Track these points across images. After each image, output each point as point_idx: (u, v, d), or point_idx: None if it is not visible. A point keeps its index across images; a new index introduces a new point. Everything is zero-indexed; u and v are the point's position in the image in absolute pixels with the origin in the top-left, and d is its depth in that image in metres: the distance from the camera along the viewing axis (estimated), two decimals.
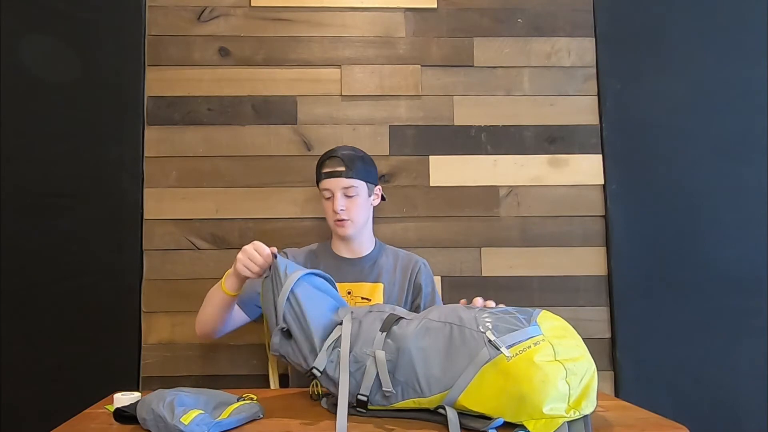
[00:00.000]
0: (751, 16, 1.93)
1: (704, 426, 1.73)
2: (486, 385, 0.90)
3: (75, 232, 1.77)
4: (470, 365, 0.91)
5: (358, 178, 1.49)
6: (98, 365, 1.72)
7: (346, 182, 1.48)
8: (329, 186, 1.49)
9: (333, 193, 1.49)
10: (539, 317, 0.97)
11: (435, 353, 0.96)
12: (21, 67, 1.80)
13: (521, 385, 0.87)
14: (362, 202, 1.51)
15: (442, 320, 1.00)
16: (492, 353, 0.90)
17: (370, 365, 0.99)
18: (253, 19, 1.88)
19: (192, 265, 1.80)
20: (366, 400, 0.98)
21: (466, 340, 0.94)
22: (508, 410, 0.88)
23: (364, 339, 1.03)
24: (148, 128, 1.83)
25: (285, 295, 1.08)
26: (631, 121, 1.89)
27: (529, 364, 0.87)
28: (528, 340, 0.91)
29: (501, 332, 0.92)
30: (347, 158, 1.49)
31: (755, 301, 1.83)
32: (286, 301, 1.08)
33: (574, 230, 1.86)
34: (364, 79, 1.88)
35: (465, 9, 1.91)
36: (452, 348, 0.95)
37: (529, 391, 0.86)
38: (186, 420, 0.86)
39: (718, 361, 1.81)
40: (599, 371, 1.79)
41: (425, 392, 0.95)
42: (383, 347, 1.00)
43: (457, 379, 0.92)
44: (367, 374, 0.98)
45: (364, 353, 1.00)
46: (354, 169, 1.48)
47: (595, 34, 1.92)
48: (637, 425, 0.96)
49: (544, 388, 0.86)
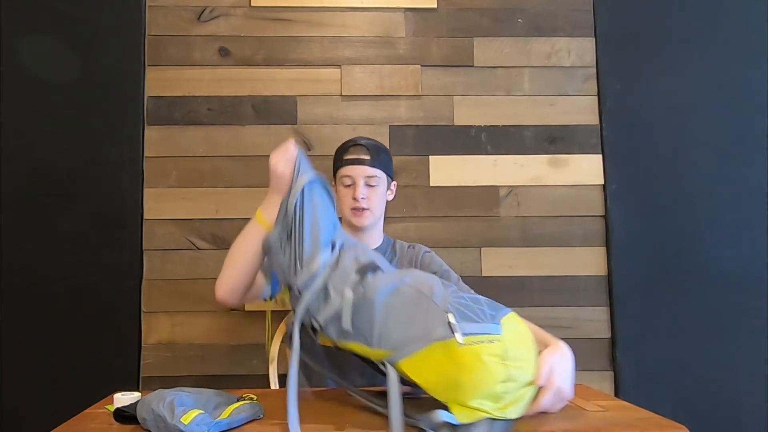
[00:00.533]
0: (751, 16, 1.93)
1: (704, 426, 1.73)
2: (430, 360, 0.92)
3: (75, 232, 1.77)
4: (423, 337, 0.93)
5: (380, 169, 1.47)
6: (98, 365, 1.72)
7: (370, 171, 1.45)
8: (351, 173, 1.46)
9: (354, 181, 1.46)
10: (505, 318, 0.96)
11: (396, 313, 0.98)
12: (21, 67, 1.80)
13: (461, 373, 0.89)
14: (381, 194, 1.49)
15: (414, 286, 1.02)
16: (446, 334, 0.91)
17: (335, 298, 1.01)
18: (253, 19, 1.88)
19: (192, 265, 1.80)
20: (318, 329, 1.01)
21: (429, 313, 0.96)
22: (439, 389, 0.91)
23: (341, 271, 1.04)
24: (148, 128, 1.83)
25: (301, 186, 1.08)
26: (631, 121, 1.89)
27: (476, 358, 0.89)
28: (484, 335, 0.91)
29: (462, 318, 0.94)
30: (372, 147, 1.47)
31: (755, 301, 1.83)
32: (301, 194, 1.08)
33: (574, 230, 1.86)
34: (364, 79, 1.88)
35: (465, 9, 1.91)
36: (413, 315, 0.97)
37: (466, 382, 0.88)
38: (186, 420, 0.86)
39: (718, 361, 1.81)
40: (599, 371, 1.81)
41: (373, 344, 0.97)
42: (353, 288, 1.02)
43: (406, 345, 0.94)
44: (330, 305, 1.00)
45: (335, 286, 1.02)
46: (378, 159, 1.46)
47: (595, 34, 1.92)
48: (637, 425, 0.96)
49: (480, 384, 0.88)
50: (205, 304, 1.79)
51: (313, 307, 1.02)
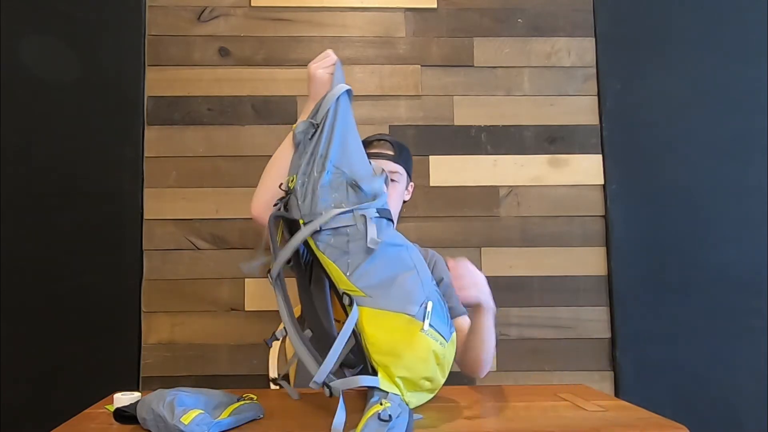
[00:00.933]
0: (751, 16, 1.93)
1: (704, 426, 1.73)
2: (390, 323, 0.97)
3: (75, 232, 1.77)
4: (399, 303, 0.98)
5: (402, 166, 1.47)
6: (98, 365, 1.72)
7: (393, 166, 1.45)
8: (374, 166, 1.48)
9: None
10: (454, 333, 1.05)
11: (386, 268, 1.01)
12: (21, 67, 1.80)
13: (408, 351, 0.95)
14: (400, 191, 1.48)
15: (413, 260, 1.05)
16: (419, 316, 0.97)
17: (348, 217, 1.03)
18: (253, 19, 1.88)
19: (192, 265, 1.80)
20: (317, 229, 1.01)
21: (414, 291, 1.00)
22: (379, 351, 0.96)
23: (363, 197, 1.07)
24: (148, 128, 1.83)
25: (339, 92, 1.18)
26: (631, 121, 1.89)
27: (426, 348, 0.97)
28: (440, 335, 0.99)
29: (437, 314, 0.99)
30: (396, 144, 1.48)
31: (755, 301, 1.83)
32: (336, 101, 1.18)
33: (574, 230, 1.86)
34: (364, 79, 1.88)
35: (465, 9, 1.91)
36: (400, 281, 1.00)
37: (406, 359, 0.95)
38: (186, 420, 0.86)
39: (718, 361, 1.81)
40: (599, 371, 1.81)
41: (353, 276, 0.99)
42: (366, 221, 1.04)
43: (381, 299, 0.98)
44: (340, 219, 1.02)
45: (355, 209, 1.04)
46: (401, 157, 1.47)
47: (595, 34, 1.92)
48: (637, 425, 0.96)
49: (412, 367, 0.96)
50: (205, 304, 1.79)
51: (322, 207, 1.03)
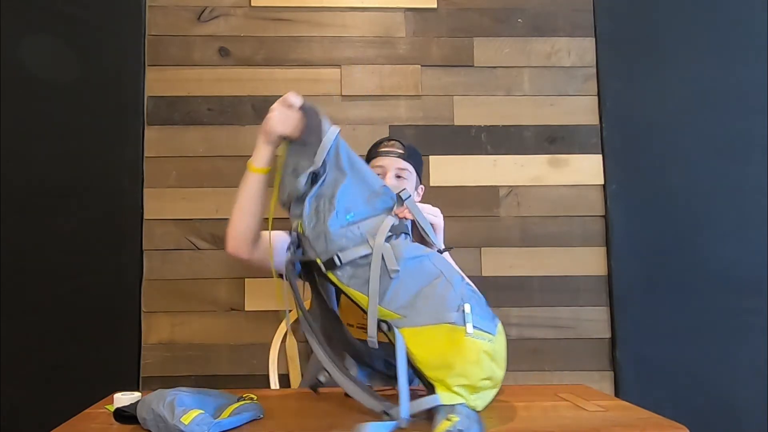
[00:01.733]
0: (751, 16, 1.93)
1: (704, 426, 1.73)
2: (434, 337, 0.96)
3: (75, 232, 1.77)
4: (436, 314, 0.97)
5: (412, 165, 1.50)
6: (98, 365, 1.72)
7: (402, 163, 1.47)
8: (383, 163, 1.48)
9: (385, 171, 1.47)
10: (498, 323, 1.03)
11: (414, 283, 1.00)
12: (21, 67, 1.80)
13: (458, 359, 0.94)
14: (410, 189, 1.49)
15: (437, 266, 1.04)
16: (458, 321, 0.96)
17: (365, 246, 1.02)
18: (253, 19, 1.88)
19: (192, 265, 1.80)
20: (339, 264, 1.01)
21: (446, 296, 0.99)
22: (432, 366, 0.95)
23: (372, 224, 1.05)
24: (148, 128, 1.83)
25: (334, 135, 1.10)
26: (631, 121, 1.89)
27: (476, 351, 0.95)
28: (486, 332, 0.98)
29: (476, 313, 0.98)
30: (407, 145, 1.51)
31: (755, 301, 1.83)
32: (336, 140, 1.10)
33: (574, 230, 1.86)
34: (364, 79, 1.88)
35: (465, 9, 1.91)
36: (431, 291, 0.99)
37: (459, 368, 0.94)
38: (186, 420, 0.86)
39: (718, 361, 1.81)
40: (599, 371, 1.81)
41: (384, 302, 0.99)
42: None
43: (417, 316, 0.97)
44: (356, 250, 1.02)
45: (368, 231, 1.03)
46: (411, 155, 1.50)
47: (595, 34, 1.92)
48: (637, 425, 0.96)
49: (468, 373, 0.94)
50: (205, 304, 1.79)
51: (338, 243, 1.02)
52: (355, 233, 1.04)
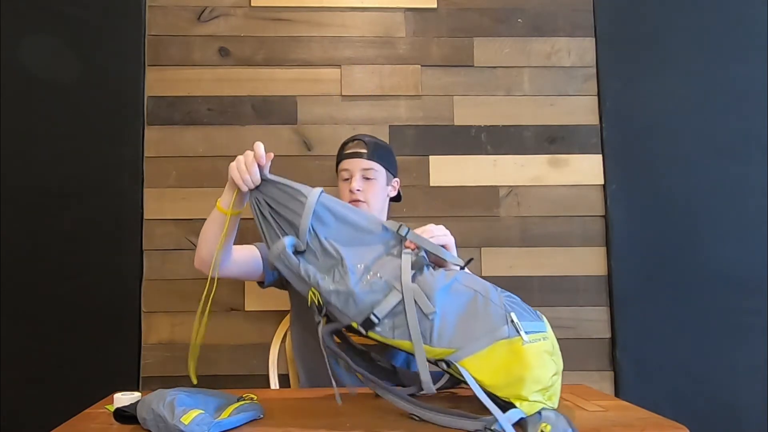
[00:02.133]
0: (751, 17, 1.93)
1: (704, 426, 1.73)
2: (494, 357, 0.94)
3: (75, 232, 1.77)
4: (487, 335, 0.95)
5: (378, 162, 1.49)
6: (98, 365, 1.72)
7: (366, 164, 1.48)
8: (349, 166, 1.49)
9: (352, 174, 1.48)
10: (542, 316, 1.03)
11: (454, 311, 0.99)
12: (21, 68, 1.80)
13: (526, 369, 0.93)
14: (379, 188, 1.50)
15: (468, 285, 1.03)
16: (511, 333, 0.95)
17: (394, 295, 0.99)
18: (253, 19, 1.88)
19: (192, 265, 1.78)
20: (376, 322, 0.99)
21: (489, 312, 0.98)
22: (502, 386, 0.94)
23: (391, 268, 1.03)
24: (148, 128, 1.83)
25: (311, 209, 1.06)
26: (631, 121, 1.89)
27: (540, 354, 0.95)
28: (539, 333, 0.97)
29: (521, 318, 0.97)
30: (370, 142, 1.51)
31: (755, 301, 1.83)
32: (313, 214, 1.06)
33: (574, 230, 1.86)
34: (364, 79, 1.88)
35: (465, 9, 1.91)
36: (473, 314, 0.98)
37: (530, 377, 0.93)
38: (186, 420, 0.86)
39: (718, 361, 1.81)
40: (599, 371, 1.81)
41: (434, 342, 0.97)
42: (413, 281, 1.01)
43: (470, 343, 0.95)
44: (388, 300, 0.99)
45: (389, 281, 1.01)
46: (375, 153, 1.49)
47: (595, 34, 1.92)
48: (637, 425, 0.96)
49: (540, 378, 0.94)
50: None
51: (368, 300, 1.00)
52: (379, 284, 1.01)
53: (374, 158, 1.49)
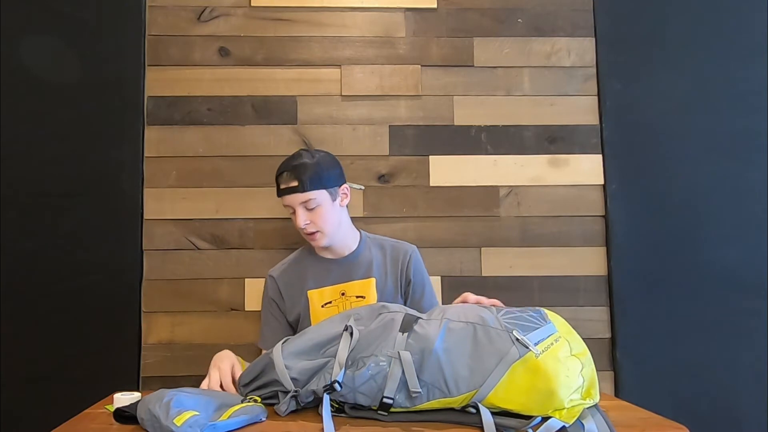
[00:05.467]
0: (751, 16, 1.93)
1: (704, 426, 1.73)
2: (516, 382, 0.93)
3: (75, 232, 1.77)
4: (500, 363, 0.93)
5: (314, 189, 1.42)
6: (98, 365, 1.72)
7: (302, 197, 1.42)
8: (288, 202, 1.45)
9: (294, 209, 1.45)
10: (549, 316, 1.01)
11: (461, 353, 0.97)
12: (21, 68, 1.80)
13: (550, 381, 0.90)
14: (327, 211, 1.45)
15: (463, 320, 1.01)
16: (521, 351, 0.93)
17: (395, 366, 0.98)
18: (253, 19, 1.88)
19: (192, 265, 1.80)
20: (391, 403, 0.97)
21: (493, 339, 0.96)
22: (536, 405, 0.91)
23: (382, 341, 1.01)
24: (148, 128, 1.83)
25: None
26: (631, 121, 1.89)
27: (556, 361, 0.92)
28: (549, 337, 0.95)
29: (525, 330, 0.95)
30: (299, 171, 1.42)
31: (755, 301, 1.83)
32: None
33: (574, 230, 1.86)
34: (364, 79, 1.88)
35: (465, 9, 1.91)
36: (479, 347, 0.96)
37: (557, 387, 0.90)
38: (179, 421, 0.86)
39: (718, 360, 1.81)
40: (599, 371, 1.80)
41: (452, 392, 0.96)
42: (405, 348, 0.99)
43: (487, 378, 0.93)
44: (391, 376, 0.97)
45: (386, 355, 0.99)
46: (308, 181, 1.41)
47: (595, 34, 1.92)
48: (637, 425, 0.96)
49: (567, 383, 0.91)
50: (205, 304, 1.79)
51: (374, 388, 0.98)
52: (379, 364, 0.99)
53: (309, 187, 1.41)
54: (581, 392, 0.92)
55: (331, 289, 1.48)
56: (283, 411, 1.03)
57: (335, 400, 1.02)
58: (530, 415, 0.92)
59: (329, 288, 1.48)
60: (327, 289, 1.49)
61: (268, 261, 1.74)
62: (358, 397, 1.00)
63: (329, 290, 1.48)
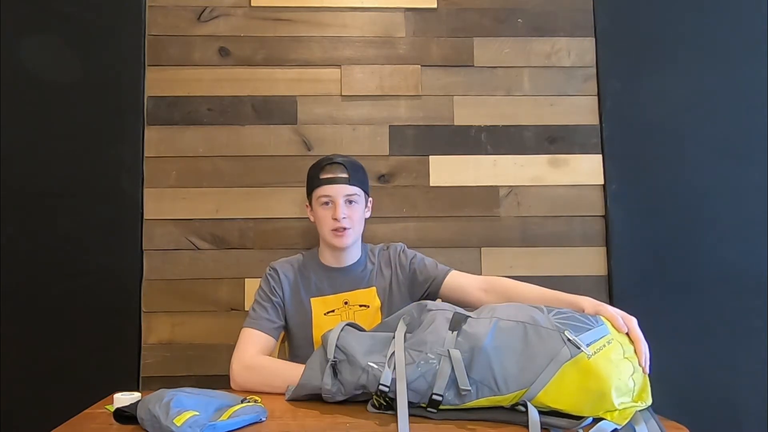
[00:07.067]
0: (751, 16, 1.93)
1: (704, 426, 1.73)
2: (566, 382, 0.93)
3: (75, 232, 1.77)
4: (551, 363, 0.94)
5: (359, 186, 1.43)
6: (98, 365, 1.73)
7: (350, 189, 1.40)
8: (330, 192, 1.40)
9: (334, 201, 1.40)
10: (602, 318, 1.01)
11: (511, 352, 0.97)
12: (21, 68, 1.80)
13: (601, 382, 0.91)
14: (360, 212, 1.45)
15: (513, 319, 1.01)
16: (573, 351, 0.93)
17: (444, 364, 0.98)
18: (253, 19, 1.88)
19: (192, 265, 1.80)
20: (440, 400, 0.98)
21: (544, 339, 0.96)
22: (586, 406, 0.91)
23: (433, 339, 1.02)
24: (148, 128, 1.83)
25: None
26: (631, 121, 1.89)
27: (608, 362, 0.92)
28: (602, 338, 0.95)
29: (577, 331, 0.95)
30: (349, 165, 1.42)
31: (755, 301, 1.83)
32: None
33: (574, 230, 1.86)
34: (364, 79, 1.88)
35: (465, 9, 1.91)
36: (529, 347, 0.97)
37: (608, 388, 0.90)
38: (179, 421, 0.86)
39: (719, 360, 1.81)
40: None
41: (502, 390, 0.96)
42: (455, 346, 1.00)
43: (537, 377, 0.94)
44: (441, 374, 0.98)
45: (436, 353, 1.00)
46: (357, 177, 1.42)
47: (595, 34, 1.92)
48: None
49: (619, 385, 0.91)
50: (205, 304, 1.79)
51: (423, 385, 0.98)
52: (430, 361, 0.99)
53: (356, 182, 1.41)
54: (632, 395, 0.93)
55: (333, 298, 1.46)
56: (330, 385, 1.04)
57: (383, 396, 1.01)
58: (580, 416, 0.92)
59: (332, 296, 1.47)
60: (330, 297, 1.47)
61: (268, 261, 1.72)
62: (408, 393, 0.99)
63: (332, 299, 1.46)
